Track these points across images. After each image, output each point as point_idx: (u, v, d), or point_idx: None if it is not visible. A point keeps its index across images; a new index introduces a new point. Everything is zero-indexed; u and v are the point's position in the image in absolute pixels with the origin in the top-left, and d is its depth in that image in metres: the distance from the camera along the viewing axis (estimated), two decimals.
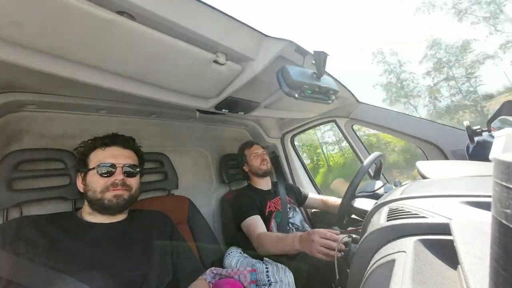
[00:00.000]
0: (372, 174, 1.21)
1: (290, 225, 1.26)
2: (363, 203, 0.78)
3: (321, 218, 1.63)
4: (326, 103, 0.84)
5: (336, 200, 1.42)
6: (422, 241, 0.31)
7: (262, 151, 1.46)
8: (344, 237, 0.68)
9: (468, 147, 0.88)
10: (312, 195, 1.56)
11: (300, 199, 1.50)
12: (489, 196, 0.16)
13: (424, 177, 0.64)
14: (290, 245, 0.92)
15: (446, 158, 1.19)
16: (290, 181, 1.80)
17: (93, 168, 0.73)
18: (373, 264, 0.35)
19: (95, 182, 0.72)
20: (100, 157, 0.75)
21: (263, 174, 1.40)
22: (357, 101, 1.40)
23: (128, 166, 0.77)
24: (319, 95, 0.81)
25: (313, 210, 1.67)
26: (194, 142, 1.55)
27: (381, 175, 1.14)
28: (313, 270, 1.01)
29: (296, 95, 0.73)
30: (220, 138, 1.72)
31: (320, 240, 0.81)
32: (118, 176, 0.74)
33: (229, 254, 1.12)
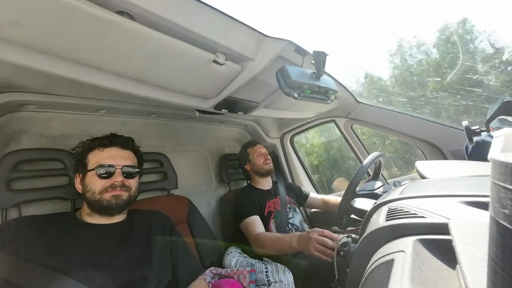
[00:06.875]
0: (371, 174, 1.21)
1: (289, 225, 1.26)
2: (362, 203, 0.78)
3: (320, 218, 1.63)
4: (325, 103, 0.85)
5: (337, 199, 1.42)
6: (421, 241, 0.31)
7: (265, 150, 1.47)
8: (343, 237, 0.68)
9: (467, 147, 0.88)
10: (313, 194, 1.56)
11: (300, 198, 1.50)
12: (488, 196, 0.16)
13: (423, 177, 0.64)
14: (288, 244, 0.93)
15: (445, 158, 1.19)
16: (290, 181, 1.80)
17: (92, 169, 0.73)
18: (372, 264, 0.35)
19: (94, 183, 0.72)
20: (98, 158, 0.74)
21: (266, 173, 1.40)
22: (357, 101, 1.40)
23: (127, 167, 0.77)
24: (319, 95, 0.81)
25: (313, 210, 1.67)
26: (193, 142, 1.55)
27: (380, 175, 1.14)
28: (312, 270, 1.01)
29: (296, 95, 0.73)
30: (220, 138, 1.71)
31: (317, 238, 0.82)
32: (118, 178, 0.74)
33: (228, 254, 1.12)
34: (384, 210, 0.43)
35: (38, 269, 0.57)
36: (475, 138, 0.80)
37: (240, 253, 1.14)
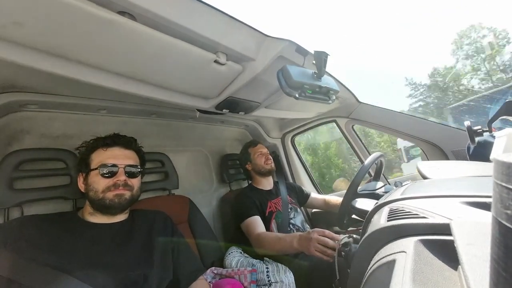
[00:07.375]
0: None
1: (291, 225, 1.26)
2: (364, 204, 0.77)
3: (321, 218, 1.63)
4: (326, 103, 0.84)
5: (338, 199, 1.42)
6: (422, 241, 0.31)
7: (266, 150, 1.47)
8: (344, 237, 0.68)
9: (468, 147, 0.88)
10: (314, 194, 1.56)
11: (301, 198, 1.50)
12: (490, 197, 0.16)
13: (424, 177, 0.64)
14: (289, 244, 0.93)
15: (447, 158, 1.18)
16: (291, 181, 1.80)
17: (95, 168, 0.73)
18: (373, 264, 0.35)
19: (97, 183, 0.72)
20: (101, 157, 0.75)
21: (267, 173, 1.40)
22: (358, 101, 1.40)
23: (130, 167, 0.77)
24: (320, 95, 0.81)
25: (314, 210, 1.67)
26: (194, 142, 1.55)
27: (381, 175, 1.14)
28: (313, 270, 1.01)
29: (297, 95, 0.73)
30: (221, 138, 1.72)
31: (318, 238, 0.82)
32: (120, 177, 0.74)
33: (229, 254, 1.12)
34: (385, 210, 0.43)
35: (40, 268, 0.58)
36: (477, 139, 0.80)
37: (241, 253, 1.14)
